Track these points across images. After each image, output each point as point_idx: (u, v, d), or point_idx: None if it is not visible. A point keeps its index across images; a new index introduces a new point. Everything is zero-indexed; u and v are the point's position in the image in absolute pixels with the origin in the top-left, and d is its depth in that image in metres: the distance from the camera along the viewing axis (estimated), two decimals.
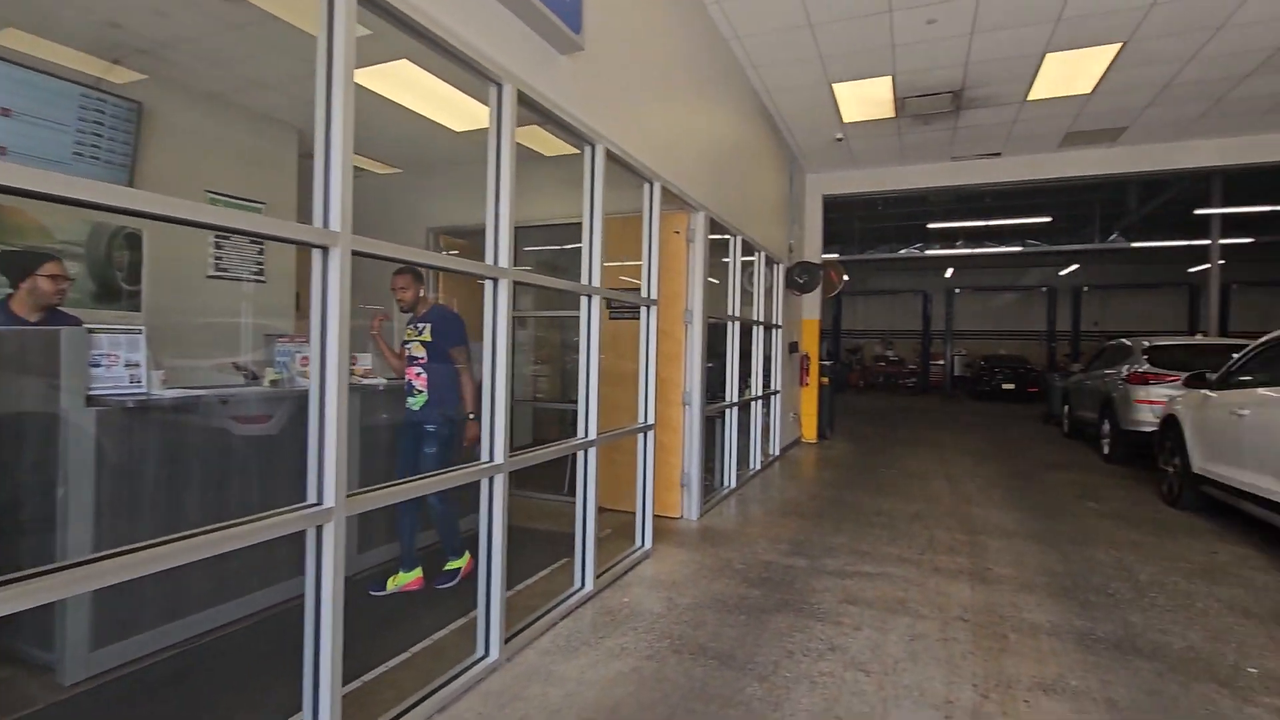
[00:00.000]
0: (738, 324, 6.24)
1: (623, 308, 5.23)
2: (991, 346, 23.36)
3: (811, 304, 9.81)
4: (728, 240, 6.23)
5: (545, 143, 5.20)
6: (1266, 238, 16.56)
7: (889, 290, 25.28)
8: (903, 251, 19.81)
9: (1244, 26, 5.29)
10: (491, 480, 2.72)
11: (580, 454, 3.51)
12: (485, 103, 2.74)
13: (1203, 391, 5.53)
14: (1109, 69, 6.10)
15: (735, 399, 6.26)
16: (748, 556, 4.33)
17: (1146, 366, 7.92)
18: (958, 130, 7.86)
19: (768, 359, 7.84)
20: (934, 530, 5.04)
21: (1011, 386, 19.13)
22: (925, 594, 3.71)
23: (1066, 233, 19.14)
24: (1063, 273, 23.02)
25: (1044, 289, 23.02)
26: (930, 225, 16.65)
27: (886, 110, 7.26)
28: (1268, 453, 4.36)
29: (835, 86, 6.66)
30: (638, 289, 4.38)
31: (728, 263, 6.24)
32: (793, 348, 8.97)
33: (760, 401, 7.39)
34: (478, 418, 3.28)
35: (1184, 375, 7.48)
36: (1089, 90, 6.62)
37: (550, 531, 4.74)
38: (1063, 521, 5.37)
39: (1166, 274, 21.52)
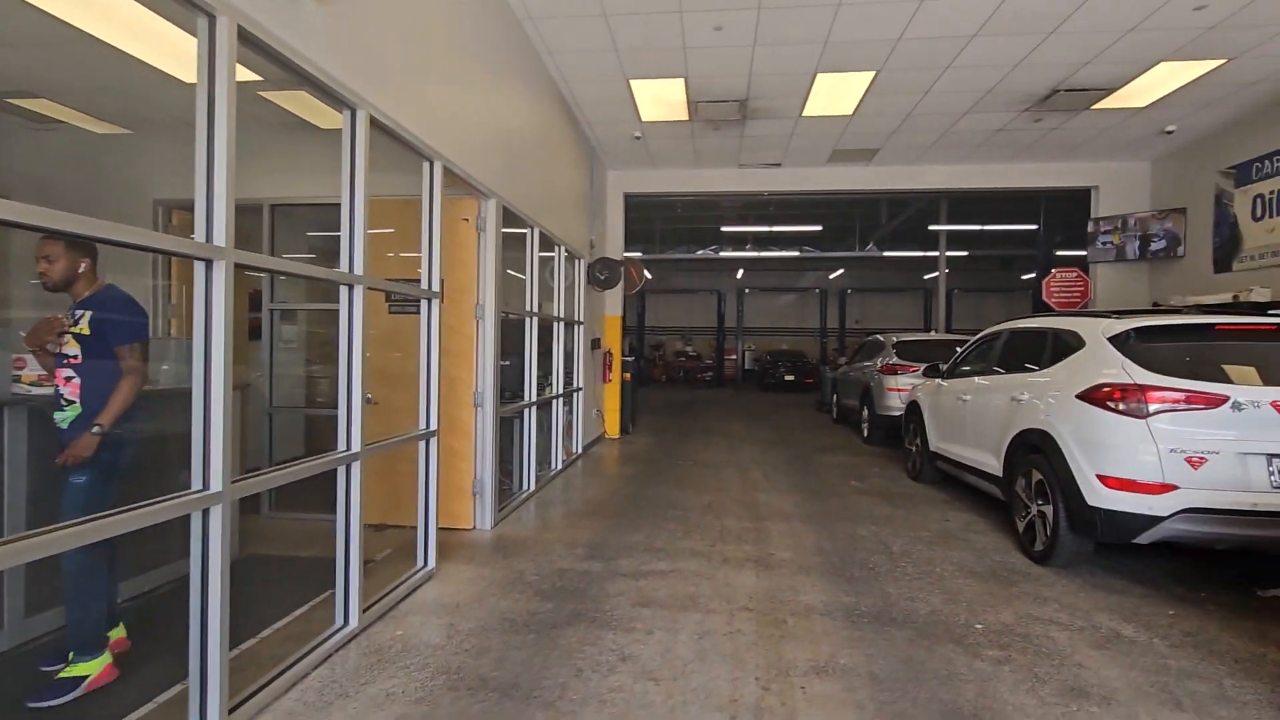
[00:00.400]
0: (537, 320, 5.99)
1: (409, 301, 4.71)
2: (776, 342, 25.79)
3: (614, 300, 9.87)
4: (525, 233, 5.94)
5: (321, 113, 4.49)
6: (978, 251, 20.21)
7: (688, 289, 26.72)
8: (700, 253, 21.02)
9: (963, 69, 6.20)
10: (206, 516, 2.16)
11: (341, 471, 3.01)
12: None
13: (936, 380, 6.42)
14: (866, 94, 6.82)
15: (535, 398, 6.00)
16: (542, 565, 4.10)
17: (895, 359, 9.12)
18: (744, 139, 8.36)
19: (569, 356, 7.69)
20: (724, 520, 5.24)
21: (792, 378, 21.22)
22: (715, 587, 3.77)
23: (834, 241, 21.69)
24: (831, 277, 26.09)
25: (817, 291, 25.89)
26: (724, 229, 17.75)
27: (681, 113, 7.46)
28: (982, 431, 5.14)
29: (633, 83, 6.67)
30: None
31: (533, 257, 5.95)
32: (595, 344, 8.94)
33: (562, 400, 7.22)
34: (103, 432, 2.52)
35: (923, 366, 8.82)
36: (850, 112, 7.37)
37: (321, 559, 4.09)
38: (832, 501, 5.90)
39: (908, 280, 25.38)
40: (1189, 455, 3.45)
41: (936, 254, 17.54)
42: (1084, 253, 9.48)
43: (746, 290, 26.11)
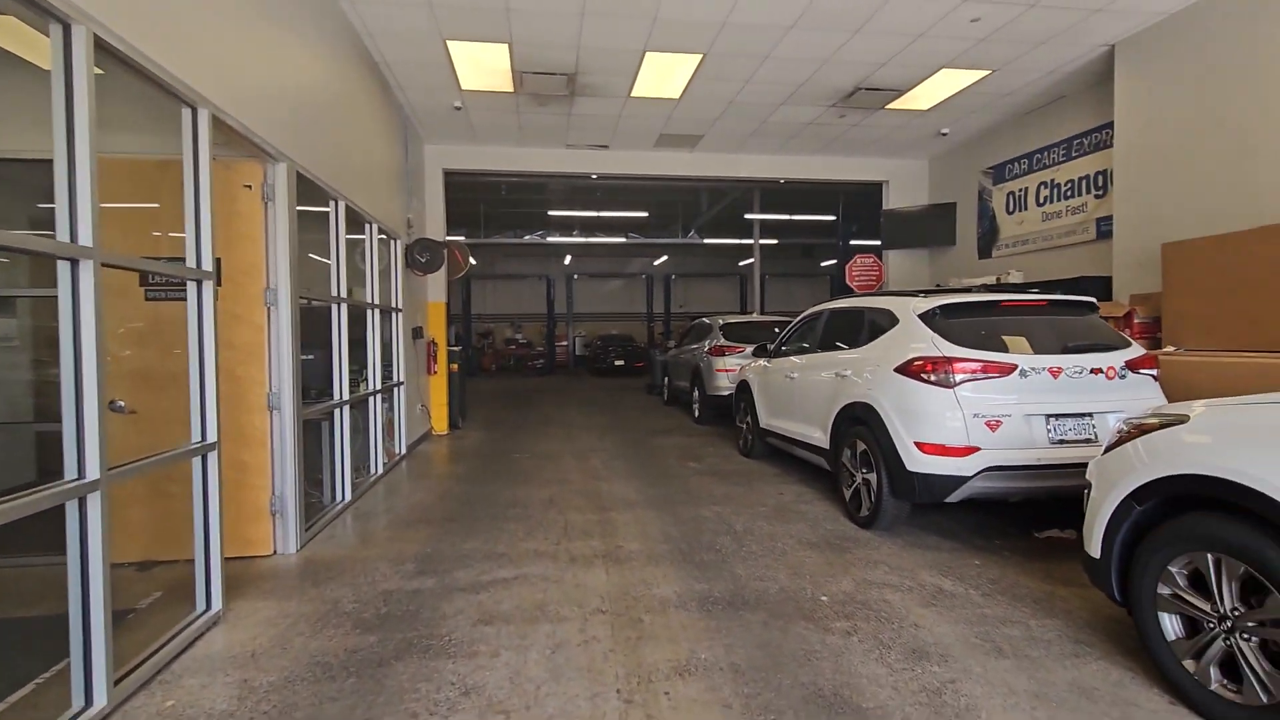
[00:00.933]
0: (346, 307, 5.24)
1: (173, 285, 3.80)
2: (606, 327, 26.01)
3: (437, 286, 9.12)
4: (329, 208, 5.15)
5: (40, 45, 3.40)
6: (786, 240, 21.86)
7: (516, 275, 25.98)
8: (527, 237, 20.47)
9: (782, 60, 6.45)
10: None
11: (73, 506, 2.28)
12: None
13: (764, 360, 6.68)
14: (693, 77, 6.86)
15: (347, 396, 5.26)
16: (363, 590, 3.55)
17: (722, 340, 9.45)
18: (573, 117, 8.07)
19: (387, 346, 6.92)
20: (568, 514, 4.98)
21: (622, 363, 21.54)
22: (564, 590, 3.50)
23: (659, 228, 22.29)
24: (656, 263, 26.85)
25: (644, 276, 26.49)
26: (552, 213, 17.35)
27: (505, 83, 6.97)
28: (809, 407, 5.40)
29: (451, 44, 6.07)
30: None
31: (349, 237, 5.16)
32: (417, 333, 8.18)
33: (380, 396, 6.46)
34: None
35: (751, 347, 9.25)
36: (678, 95, 7.39)
37: (57, 618, 3.18)
38: (673, 485, 5.90)
39: (726, 266, 26.90)
40: (988, 419, 3.83)
41: (751, 241, 18.66)
42: (876, 241, 10.53)
43: (575, 276, 26.00)
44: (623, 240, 20.73)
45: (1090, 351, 3.95)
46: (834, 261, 26.14)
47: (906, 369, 4.09)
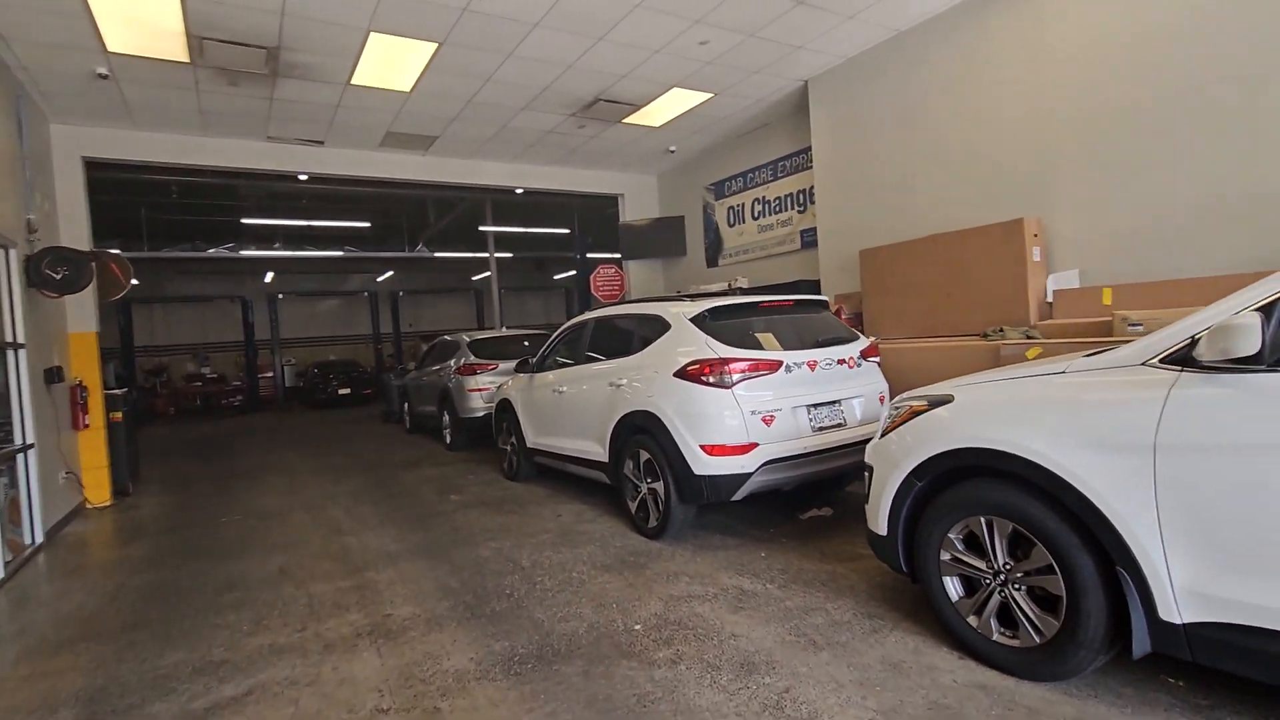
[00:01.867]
0: None
1: None
2: (322, 353, 23.01)
3: (83, 311, 6.89)
4: None
5: None
6: (522, 254, 21.71)
7: (199, 296, 21.57)
8: (211, 251, 17.06)
9: (526, 60, 6.16)
10: None
11: None
12: None
13: (527, 375, 6.29)
14: (427, 69, 6.19)
15: None
16: None
17: (473, 358, 8.81)
18: (276, 103, 6.75)
19: (2, 399, 4.94)
20: (310, 586, 3.99)
21: (348, 391, 19.18)
22: (324, 694, 2.69)
23: (381, 240, 20.42)
24: (380, 279, 24.62)
25: (366, 294, 24.06)
26: (248, 221, 14.67)
27: (177, 49, 5.49)
28: (584, 420, 5.16)
29: None
30: None
31: None
32: (53, 376, 6.03)
33: None
34: None
35: (505, 364, 8.75)
36: (409, 89, 6.63)
37: None
38: (439, 525, 5.17)
39: (459, 281, 25.81)
40: (764, 415, 3.97)
41: (486, 255, 18.12)
42: (615, 254, 10.87)
43: (281, 296, 22.50)
44: (339, 254, 18.50)
45: (835, 344, 4.37)
46: (570, 274, 26.88)
47: (685, 373, 4.08)
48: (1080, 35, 4.91)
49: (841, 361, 4.32)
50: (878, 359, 4.66)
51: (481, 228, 16.27)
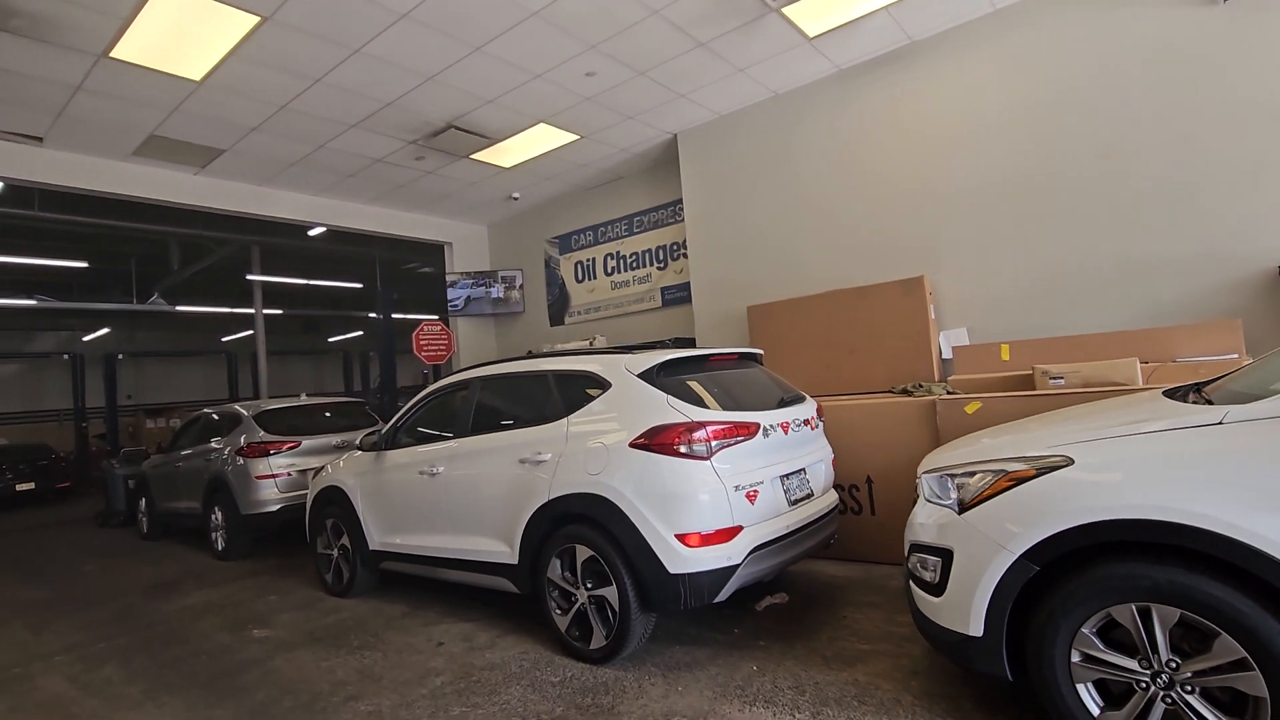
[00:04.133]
0: None
1: None
2: None
3: None
4: None
5: None
6: (298, 311, 18.65)
7: None
8: None
9: (374, 60, 5.00)
10: None
11: None
12: None
13: (372, 455, 4.81)
14: (233, 52, 4.70)
15: None
16: None
17: (262, 435, 6.79)
18: None
19: None
20: None
21: (32, 486, 14.26)
22: None
23: (94, 290, 16.08)
24: (89, 337, 19.39)
25: (66, 356, 18.66)
26: None
27: None
28: (475, 511, 3.94)
29: None
30: None
31: None
32: None
33: None
34: None
35: (307, 440, 6.86)
36: (199, 77, 5.00)
37: None
38: (255, 686, 3.48)
39: (204, 341, 21.35)
40: (747, 490, 3.25)
41: (251, 310, 15.22)
42: (427, 315, 9.54)
43: None
44: (30, 303, 14.04)
45: (796, 404, 3.85)
46: (351, 335, 23.78)
47: (652, 442, 3.21)
48: (952, 112, 5.28)
49: (807, 422, 3.81)
50: (822, 419, 4.26)
51: (250, 276, 13.56)
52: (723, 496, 3.16)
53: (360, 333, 23.66)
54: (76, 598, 5.71)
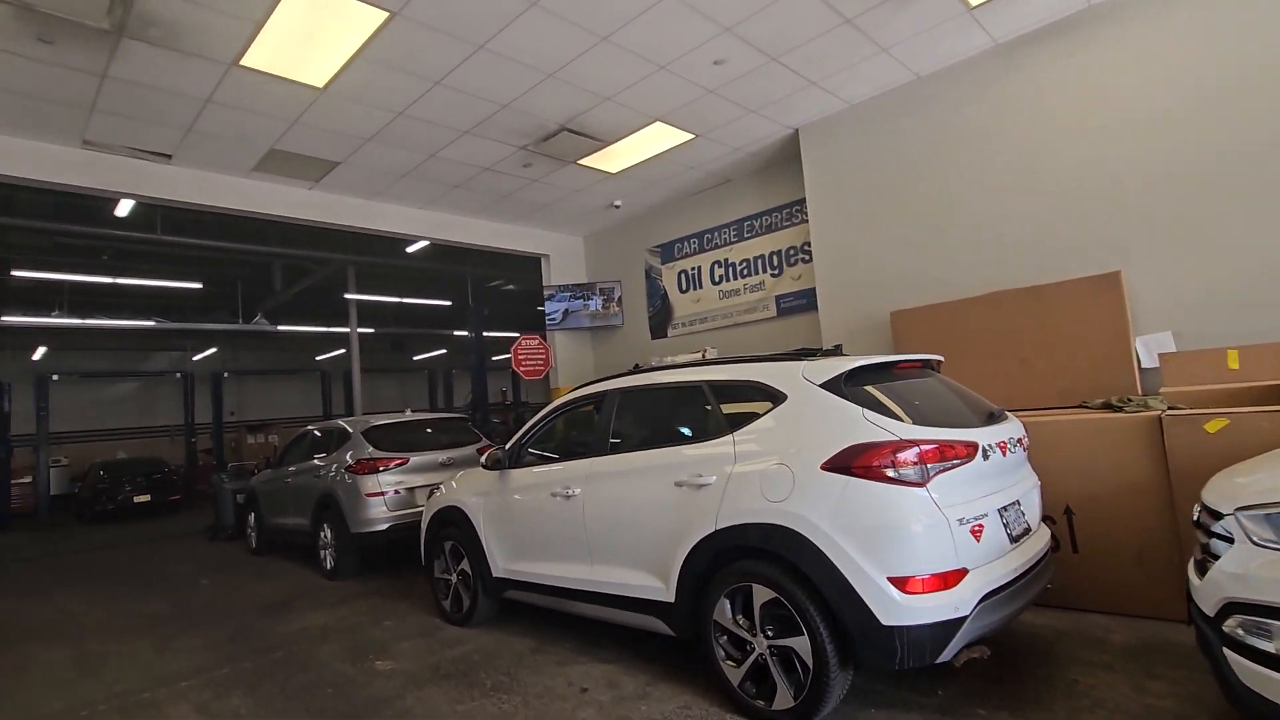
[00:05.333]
0: None
1: None
2: (107, 449, 18.21)
3: None
4: None
5: None
6: (386, 330, 19.10)
7: None
8: None
9: (498, 59, 4.75)
10: None
11: None
12: None
13: (495, 474, 4.48)
14: (359, 54, 4.54)
15: None
16: None
17: (370, 451, 6.64)
18: (109, 83, 4.63)
19: None
20: None
21: (147, 498, 14.95)
22: None
23: (204, 311, 16.91)
24: (198, 357, 20.47)
25: (178, 375, 19.73)
26: (20, 274, 11.08)
27: None
28: (623, 539, 3.51)
29: None
30: None
31: None
32: None
33: None
34: None
35: (416, 457, 6.67)
36: (322, 84, 4.89)
37: None
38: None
39: (298, 361, 22.19)
40: (971, 524, 2.68)
41: (346, 330, 15.61)
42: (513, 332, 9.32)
43: (55, 377, 17.62)
44: (150, 324, 14.84)
45: (1002, 420, 3.24)
46: (436, 354, 24.25)
47: (851, 465, 2.69)
48: (1144, 85, 4.56)
49: (1020, 442, 3.20)
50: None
51: (346, 295, 13.87)
52: (945, 531, 2.60)
53: (444, 351, 24.08)
54: (194, 614, 5.63)
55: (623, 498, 3.56)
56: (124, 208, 7.39)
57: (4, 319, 13.18)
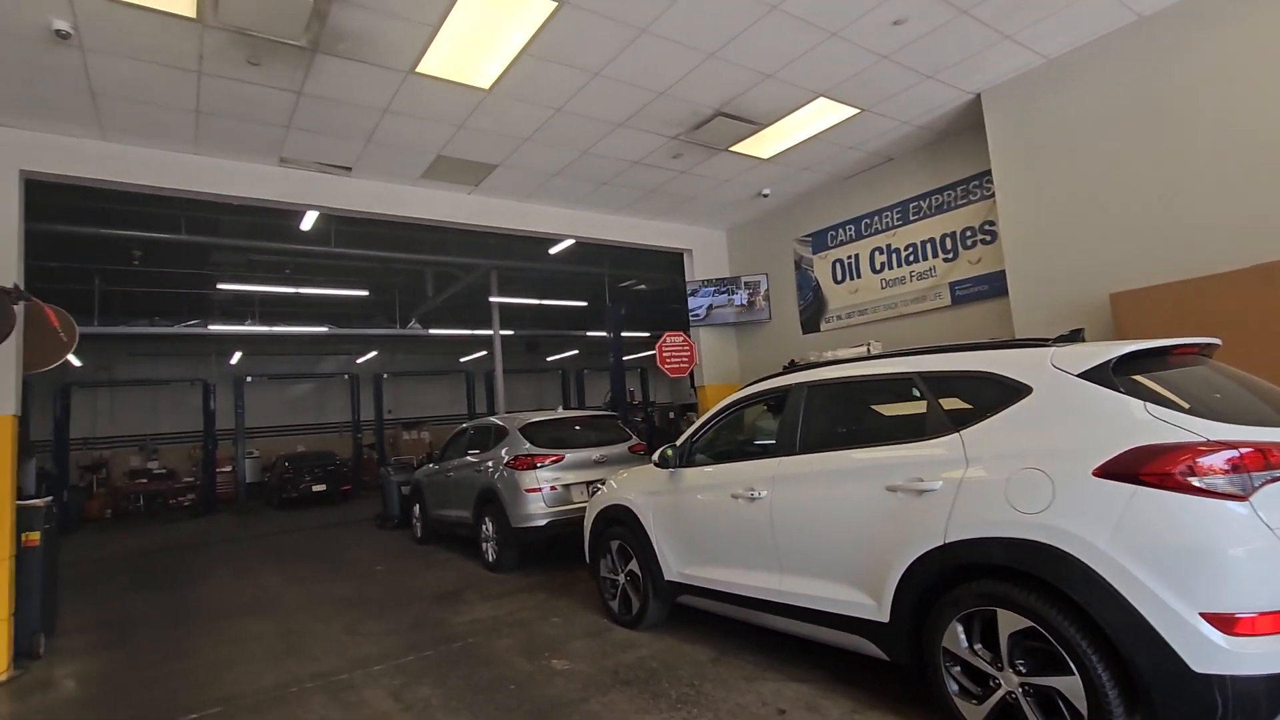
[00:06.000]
0: None
1: None
2: (288, 443, 20.37)
3: None
4: None
5: None
6: (524, 331, 19.88)
7: (153, 380, 19.00)
8: (178, 328, 14.76)
9: (659, 42, 4.58)
10: None
11: None
12: None
13: (667, 472, 4.30)
14: (525, 50, 4.54)
15: None
16: None
17: (528, 447, 6.75)
18: (305, 100, 4.96)
19: None
20: None
21: (323, 488, 16.53)
22: None
23: (366, 318, 18.41)
24: (361, 360, 22.38)
25: (346, 376, 21.70)
26: (223, 286, 12.55)
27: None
28: (822, 550, 3.18)
29: None
30: None
31: None
32: None
33: None
34: None
35: (570, 454, 6.71)
36: (488, 85, 4.96)
37: None
38: None
39: (444, 363, 23.67)
40: None
41: (490, 332, 16.30)
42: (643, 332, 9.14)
43: (249, 379, 19.98)
44: (324, 330, 16.37)
45: None
46: (568, 354, 25.00)
47: (1139, 472, 2.19)
48: None
49: None
50: None
51: (491, 299, 14.50)
52: (1275, 554, 2.04)
53: (575, 351, 24.71)
54: (375, 599, 5.95)
55: (818, 502, 3.23)
56: (308, 221, 8.06)
57: (211, 327, 15.01)
